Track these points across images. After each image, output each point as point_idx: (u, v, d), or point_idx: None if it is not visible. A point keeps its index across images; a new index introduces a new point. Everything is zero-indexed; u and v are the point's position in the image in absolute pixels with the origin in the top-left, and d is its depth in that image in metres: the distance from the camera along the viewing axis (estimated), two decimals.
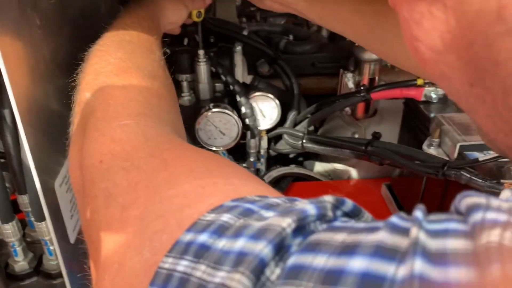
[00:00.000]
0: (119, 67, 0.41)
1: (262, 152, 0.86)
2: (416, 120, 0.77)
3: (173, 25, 0.61)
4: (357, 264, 0.16)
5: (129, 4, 0.54)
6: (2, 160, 0.59)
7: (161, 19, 0.56)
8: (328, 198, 0.21)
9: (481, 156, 0.62)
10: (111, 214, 0.28)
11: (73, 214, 0.48)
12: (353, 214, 0.22)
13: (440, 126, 0.68)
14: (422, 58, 0.22)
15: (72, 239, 0.48)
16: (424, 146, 0.70)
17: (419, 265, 0.15)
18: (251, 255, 0.19)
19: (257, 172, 0.88)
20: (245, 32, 0.84)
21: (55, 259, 0.60)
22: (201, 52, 0.75)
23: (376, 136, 0.75)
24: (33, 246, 0.63)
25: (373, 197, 0.88)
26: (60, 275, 0.59)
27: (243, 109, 0.79)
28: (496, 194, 0.59)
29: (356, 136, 0.88)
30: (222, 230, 0.22)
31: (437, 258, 0.15)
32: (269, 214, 0.22)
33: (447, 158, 0.65)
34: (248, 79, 0.85)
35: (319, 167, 0.96)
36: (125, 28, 0.47)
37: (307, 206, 0.21)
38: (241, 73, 0.83)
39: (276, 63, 0.85)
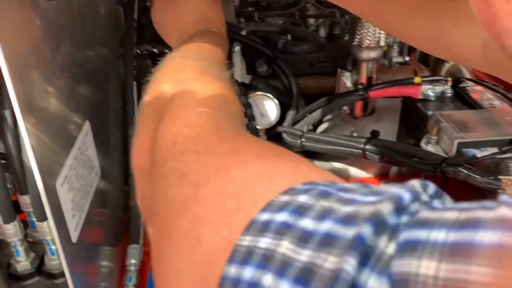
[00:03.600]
0: (199, 70, 0.44)
1: None
2: (414, 118, 0.77)
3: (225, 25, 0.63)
4: (487, 237, 0.16)
5: (197, 32, 0.55)
6: (3, 161, 0.59)
7: (226, 44, 0.59)
8: (415, 182, 0.21)
9: (479, 153, 0.63)
10: (185, 192, 0.29)
11: (75, 214, 0.49)
12: (436, 197, 0.21)
13: (438, 123, 0.68)
14: (492, 12, 0.21)
15: (74, 238, 0.48)
16: (422, 144, 0.71)
17: None
18: (343, 239, 0.19)
19: None
20: (243, 32, 0.84)
21: (57, 258, 0.60)
22: None
23: (375, 134, 0.75)
24: (35, 246, 0.63)
25: None
26: (62, 274, 0.60)
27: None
28: (494, 190, 0.60)
29: (355, 134, 0.88)
30: (303, 210, 0.22)
31: None
32: (348, 195, 0.22)
33: (445, 155, 0.66)
34: (247, 79, 0.85)
35: (318, 165, 0.96)
36: (200, 48, 0.50)
37: (400, 191, 0.20)
38: (239, 73, 0.83)
39: (274, 63, 0.86)
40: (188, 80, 0.41)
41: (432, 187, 0.22)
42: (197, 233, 0.26)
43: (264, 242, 0.21)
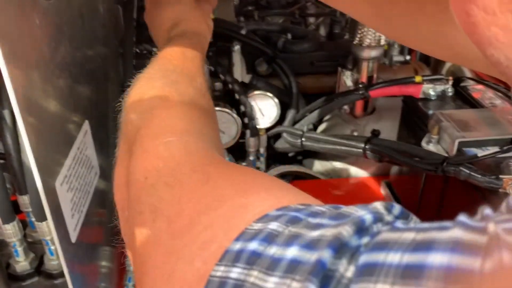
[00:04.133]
0: (163, 91, 0.43)
1: (262, 150, 0.86)
2: (414, 117, 0.77)
3: (210, 37, 0.63)
4: (438, 258, 0.16)
5: (174, 36, 0.56)
6: (2, 161, 0.59)
7: (204, 44, 0.58)
8: (378, 204, 0.22)
9: (479, 152, 0.63)
10: (158, 227, 0.29)
11: (74, 214, 0.48)
12: (402, 217, 0.22)
13: (438, 122, 0.68)
14: (472, 21, 0.21)
15: (73, 239, 0.48)
16: (423, 143, 0.70)
17: (508, 256, 0.15)
18: (306, 264, 0.19)
19: None
20: (243, 31, 0.84)
21: (56, 259, 0.60)
22: None
23: (375, 133, 0.75)
24: (34, 247, 0.63)
25: (372, 195, 0.88)
26: (61, 275, 0.59)
27: (242, 108, 0.79)
28: (495, 189, 0.60)
29: (355, 133, 0.88)
30: (272, 238, 0.22)
31: None
32: (317, 221, 0.22)
33: (446, 155, 0.66)
34: (247, 78, 0.85)
35: (318, 165, 0.96)
36: (169, 59, 0.49)
37: (362, 212, 0.21)
38: (240, 72, 0.83)
39: (274, 62, 0.86)
40: (152, 108, 0.40)
41: (397, 208, 0.22)
42: (171, 267, 0.26)
43: (236, 272, 0.22)
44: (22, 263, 0.60)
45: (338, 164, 0.95)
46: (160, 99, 0.42)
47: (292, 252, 0.21)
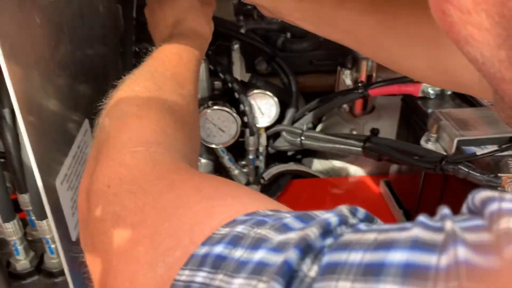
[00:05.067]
0: (141, 97, 0.41)
1: (261, 149, 0.86)
2: (414, 116, 0.77)
3: (210, 39, 0.60)
4: (397, 256, 0.17)
5: (170, 35, 0.54)
6: (2, 160, 0.59)
7: (203, 43, 0.56)
8: (343, 208, 0.22)
9: (478, 151, 0.63)
10: (121, 235, 0.29)
11: (74, 212, 0.48)
12: (367, 221, 0.23)
13: (437, 121, 0.68)
14: (449, 21, 0.22)
15: (73, 237, 0.48)
16: (422, 142, 0.71)
17: (462, 252, 0.16)
18: (273, 265, 0.20)
19: (256, 169, 0.88)
20: (242, 30, 0.84)
21: (56, 257, 0.60)
22: None
23: (374, 132, 0.75)
24: (34, 245, 0.63)
25: (372, 194, 0.88)
26: (61, 273, 0.60)
27: (241, 107, 0.79)
28: (494, 188, 0.60)
29: (354, 132, 0.88)
30: (237, 240, 0.22)
31: (477, 247, 0.16)
32: (283, 221, 0.23)
33: (445, 153, 0.66)
34: (246, 77, 0.85)
35: (318, 164, 0.96)
36: (162, 60, 0.48)
37: (328, 215, 0.21)
38: (239, 71, 0.83)
39: (274, 61, 0.86)
40: (126, 116, 0.39)
41: (361, 211, 0.23)
42: (132, 275, 0.26)
43: (201, 276, 0.22)
44: (22, 261, 0.60)
45: (337, 163, 0.95)
46: (136, 107, 0.40)
47: (259, 255, 0.21)
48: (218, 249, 0.22)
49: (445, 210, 0.19)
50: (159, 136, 0.38)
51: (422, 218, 0.19)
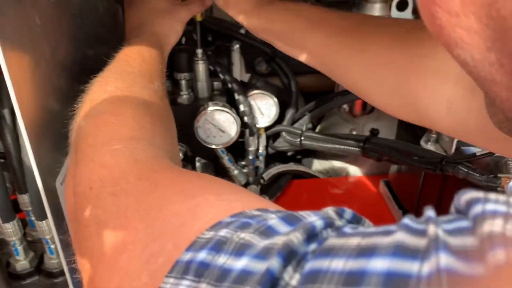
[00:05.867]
0: (114, 96, 0.41)
1: (261, 149, 0.86)
2: None
3: (174, 43, 0.62)
4: (379, 264, 0.17)
5: (132, 36, 0.55)
6: (2, 160, 0.59)
7: (164, 46, 0.58)
8: (329, 209, 0.22)
9: (478, 151, 0.63)
10: (103, 241, 0.28)
11: None
12: (355, 222, 0.22)
13: None
14: (438, 24, 0.21)
15: None
16: (422, 142, 0.71)
17: (444, 259, 0.15)
18: (256, 274, 0.19)
19: (256, 169, 0.88)
20: (242, 31, 0.84)
21: (56, 257, 0.60)
22: (199, 51, 0.75)
23: (374, 132, 0.75)
24: (34, 245, 0.63)
25: (371, 194, 0.88)
26: (61, 273, 0.60)
27: (241, 107, 0.79)
28: (494, 188, 0.60)
29: (354, 133, 0.89)
30: (220, 245, 0.22)
31: (460, 253, 0.15)
32: (267, 224, 0.22)
33: (444, 154, 0.66)
34: (246, 77, 0.85)
35: (318, 164, 0.96)
36: (126, 60, 0.48)
37: (313, 218, 0.21)
38: (239, 72, 0.83)
39: (273, 61, 0.86)
40: (101, 114, 0.39)
41: (348, 212, 0.22)
42: (117, 285, 0.25)
43: (185, 285, 0.21)
44: (22, 262, 0.60)
45: (337, 163, 0.95)
46: (110, 104, 0.40)
47: (242, 262, 0.20)
48: (201, 255, 0.22)
49: (429, 212, 0.18)
50: (138, 132, 0.37)
51: (407, 220, 0.18)
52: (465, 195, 0.18)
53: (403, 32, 0.46)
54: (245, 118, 0.80)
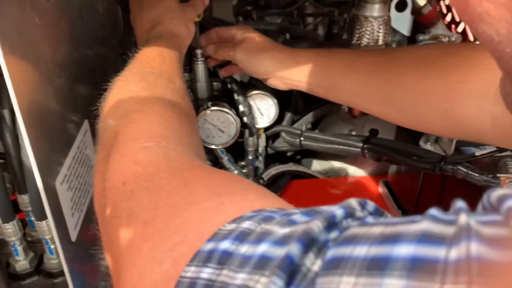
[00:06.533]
0: (140, 95, 0.42)
1: (260, 150, 0.87)
2: None
3: (189, 43, 0.64)
4: (404, 250, 0.16)
5: (150, 37, 0.56)
6: (2, 161, 0.59)
7: (181, 47, 0.59)
8: (352, 200, 0.22)
9: (477, 151, 0.63)
10: (133, 231, 0.29)
11: (74, 212, 0.49)
12: (376, 215, 0.22)
13: None
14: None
15: (73, 238, 0.48)
16: (421, 142, 0.71)
17: (476, 247, 0.15)
18: (276, 259, 0.19)
19: (255, 170, 0.88)
20: None
21: (56, 258, 0.60)
22: (198, 51, 0.75)
23: (373, 133, 0.75)
24: (34, 246, 0.63)
25: (371, 194, 0.88)
26: (61, 274, 0.60)
27: (241, 108, 0.79)
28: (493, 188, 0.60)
29: (353, 133, 0.89)
30: (244, 236, 0.22)
31: (493, 242, 0.15)
32: (290, 218, 0.22)
33: (443, 154, 0.66)
34: (245, 77, 0.85)
35: (317, 164, 0.96)
36: (146, 61, 0.49)
37: (334, 208, 0.21)
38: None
39: None
40: (130, 113, 0.40)
41: (371, 205, 0.22)
42: (141, 269, 0.26)
43: (207, 272, 0.22)
44: (21, 262, 0.60)
45: (336, 163, 0.95)
46: (137, 104, 0.41)
47: (262, 248, 0.21)
48: (225, 245, 0.22)
49: (460, 203, 0.18)
50: (167, 130, 0.38)
51: (433, 211, 0.18)
52: (496, 192, 0.18)
53: (433, 59, 0.50)
54: (245, 119, 0.80)
